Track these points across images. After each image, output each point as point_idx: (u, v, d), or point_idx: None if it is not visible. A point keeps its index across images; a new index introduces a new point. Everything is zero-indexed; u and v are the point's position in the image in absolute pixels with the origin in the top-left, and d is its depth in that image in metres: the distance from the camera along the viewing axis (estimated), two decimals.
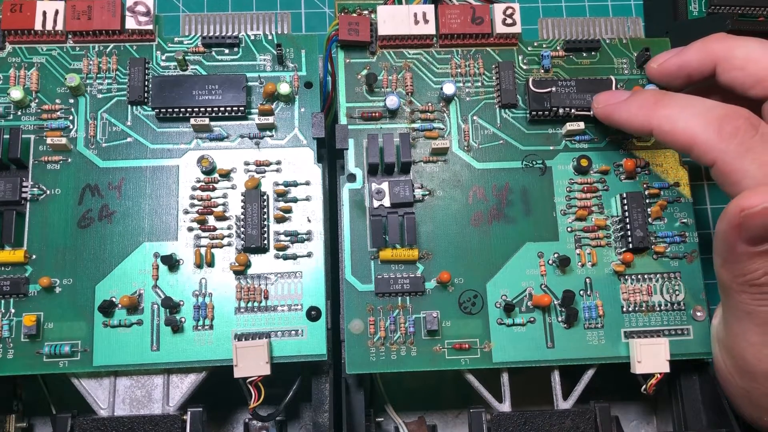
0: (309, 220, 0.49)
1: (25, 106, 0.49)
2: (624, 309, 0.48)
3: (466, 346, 0.47)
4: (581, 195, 0.50)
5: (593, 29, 0.54)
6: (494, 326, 0.47)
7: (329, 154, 0.53)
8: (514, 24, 0.51)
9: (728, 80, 0.46)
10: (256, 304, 0.47)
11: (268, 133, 0.50)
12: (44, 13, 0.50)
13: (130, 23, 0.50)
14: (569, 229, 0.49)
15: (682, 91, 0.49)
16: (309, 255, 0.48)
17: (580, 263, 0.49)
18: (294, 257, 0.48)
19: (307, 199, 0.49)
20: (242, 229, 0.47)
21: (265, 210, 0.48)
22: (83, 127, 0.49)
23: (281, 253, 0.48)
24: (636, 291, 0.49)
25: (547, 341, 0.48)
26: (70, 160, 0.49)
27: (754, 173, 0.40)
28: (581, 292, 0.48)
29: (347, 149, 0.49)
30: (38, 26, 0.50)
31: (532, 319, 0.48)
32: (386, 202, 0.48)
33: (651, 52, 0.51)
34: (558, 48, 0.53)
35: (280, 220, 0.48)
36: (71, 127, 0.49)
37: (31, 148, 0.48)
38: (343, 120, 0.50)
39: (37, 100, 0.49)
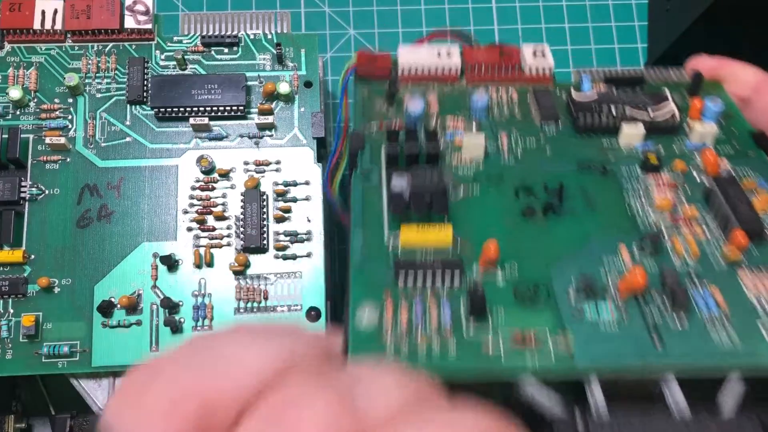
0: (309, 220, 0.48)
1: (24, 105, 0.49)
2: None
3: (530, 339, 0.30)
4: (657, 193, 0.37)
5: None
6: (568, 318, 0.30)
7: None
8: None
9: None
10: (255, 304, 0.47)
11: (267, 132, 0.50)
12: (43, 13, 0.50)
13: (129, 22, 0.50)
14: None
15: None
16: (309, 255, 0.48)
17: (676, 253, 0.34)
18: (294, 257, 0.48)
19: (307, 199, 0.49)
20: (242, 229, 0.47)
21: (265, 210, 0.48)
22: (82, 126, 0.49)
23: (281, 253, 0.48)
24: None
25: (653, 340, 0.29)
26: (69, 159, 0.48)
27: None
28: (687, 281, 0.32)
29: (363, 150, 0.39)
30: (37, 25, 0.49)
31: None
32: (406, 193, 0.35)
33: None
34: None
35: (279, 220, 0.48)
36: (70, 126, 0.49)
37: (29, 148, 0.48)
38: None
39: (35, 100, 0.49)
